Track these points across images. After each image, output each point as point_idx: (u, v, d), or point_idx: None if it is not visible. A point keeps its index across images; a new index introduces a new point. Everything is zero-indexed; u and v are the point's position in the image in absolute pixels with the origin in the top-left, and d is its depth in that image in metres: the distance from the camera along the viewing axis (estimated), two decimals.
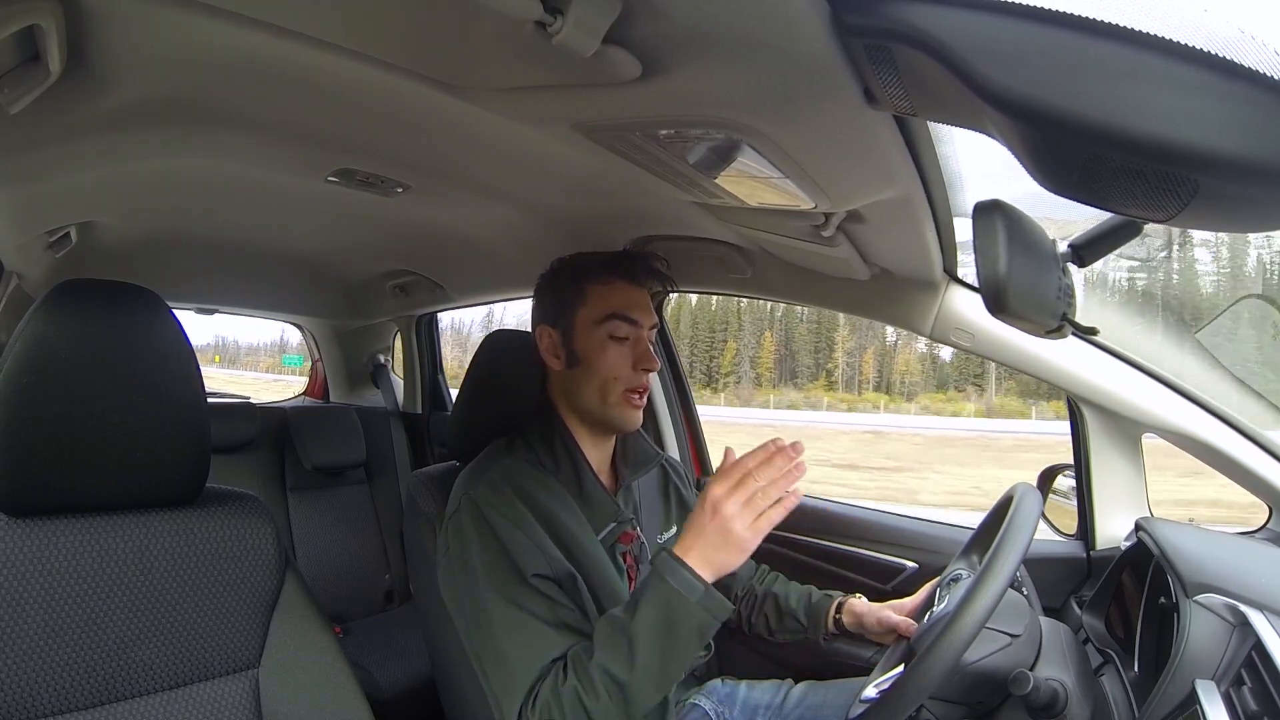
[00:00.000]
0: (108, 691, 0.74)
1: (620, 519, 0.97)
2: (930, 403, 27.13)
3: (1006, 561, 0.72)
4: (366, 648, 1.79)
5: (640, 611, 0.75)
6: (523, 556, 0.83)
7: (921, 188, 0.79)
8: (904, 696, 0.70)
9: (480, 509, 0.86)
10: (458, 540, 0.87)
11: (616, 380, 0.94)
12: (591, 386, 0.95)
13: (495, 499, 0.87)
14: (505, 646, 0.81)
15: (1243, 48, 0.34)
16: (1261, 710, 0.66)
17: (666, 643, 0.73)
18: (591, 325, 0.95)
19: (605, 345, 0.94)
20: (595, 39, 0.53)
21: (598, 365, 0.94)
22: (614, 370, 0.94)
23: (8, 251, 1.27)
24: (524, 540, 0.85)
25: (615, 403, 0.94)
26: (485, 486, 0.89)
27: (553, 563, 0.85)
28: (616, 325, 0.94)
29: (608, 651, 0.75)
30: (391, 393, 2.63)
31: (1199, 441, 1.05)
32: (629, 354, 0.95)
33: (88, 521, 0.75)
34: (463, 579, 0.86)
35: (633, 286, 0.97)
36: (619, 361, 0.94)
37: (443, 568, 0.90)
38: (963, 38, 0.41)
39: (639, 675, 0.73)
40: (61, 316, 0.72)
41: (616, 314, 0.94)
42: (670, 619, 0.73)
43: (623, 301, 0.95)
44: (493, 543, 0.84)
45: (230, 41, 0.67)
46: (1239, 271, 26.36)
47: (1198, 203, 0.40)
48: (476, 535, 0.85)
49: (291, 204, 1.35)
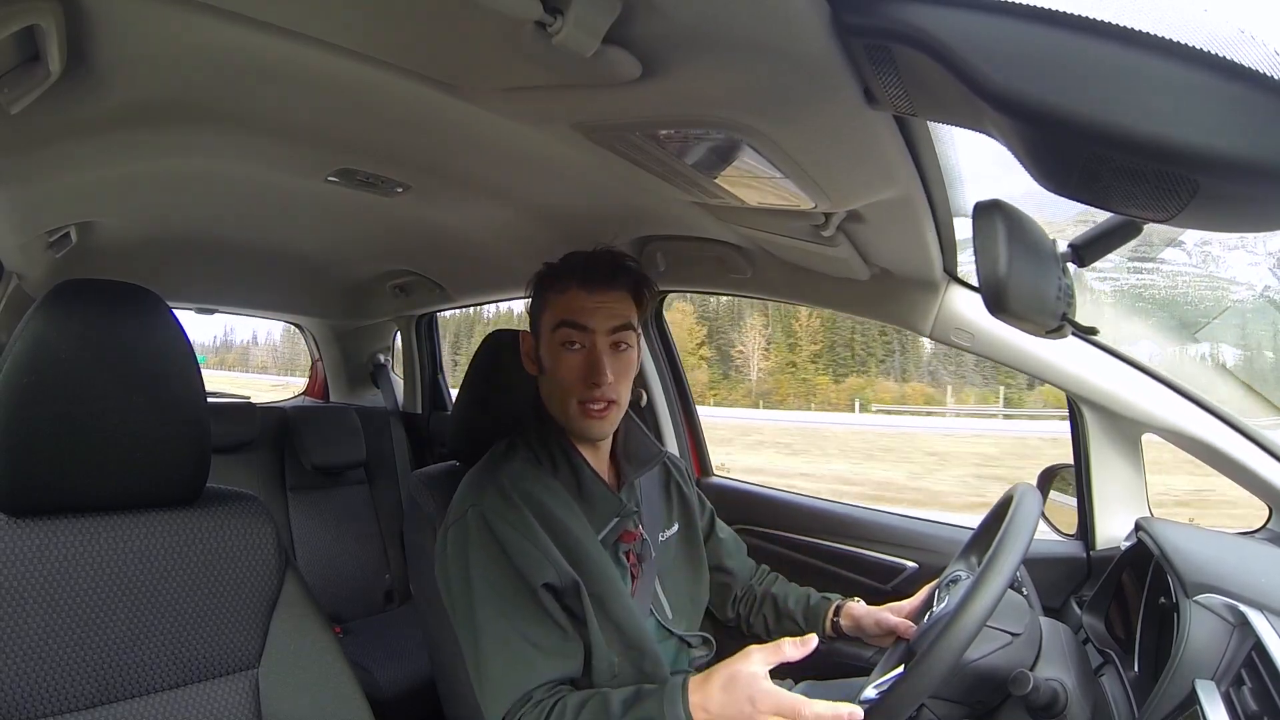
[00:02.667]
0: (108, 691, 0.74)
1: (624, 513, 0.97)
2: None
3: (1006, 562, 0.72)
4: (366, 648, 1.79)
5: (630, 714, 0.76)
6: (530, 568, 0.84)
7: (921, 187, 0.79)
8: (904, 697, 0.70)
9: (488, 520, 0.86)
10: (460, 546, 0.87)
11: (567, 392, 0.91)
12: (554, 396, 0.93)
13: (504, 508, 0.87)
14: (491, 664, 0.82)
15: (1242, 47, 0.34)
16: (1261, 710, 0.66)
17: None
18: (549, 333, 0.93)
19: (559, 354, 0.91)
20: (595, 39, 0.53)
21: (555, 375, 0.92)
22: (564, 381, 0.91)
23: (8, 251, 1.28)
24: (532, 551, 0.84)
25: (574, 414, 0.91)
26: (494, 494, 0.89)
27: (560, 572, 0.85)
28: (566, 333, 0.91)
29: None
30: (391, 393, 2.64)
31: (1199, 441, 1.05)
32: (581, 365, 0.91)
33: (88, 521, 0.75)
34: (460, 585, 0.86)
35: (585, 293, 0.92)
36: (569, 372, 0.91)
37: (440, 567, 0.90)
38: (963, 38, 0.41)
39: None
40: (61, 316, 0.72)
41: (564, 321, 0.91)
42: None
43: (571, 307, 0.91)
44: (499, 556, 0.84)
45: (230, 41, 0.67)
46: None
47: (1198, 203, 0.40)
48: (481, 546, 0.85)
49: (291, 204, 1.35)
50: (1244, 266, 5.89)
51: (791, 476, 9.27)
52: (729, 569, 1.14)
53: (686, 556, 1.07)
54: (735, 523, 1.31)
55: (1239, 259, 5.94)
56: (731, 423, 15.53)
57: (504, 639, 0.82)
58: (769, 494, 1.64)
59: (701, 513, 1.15)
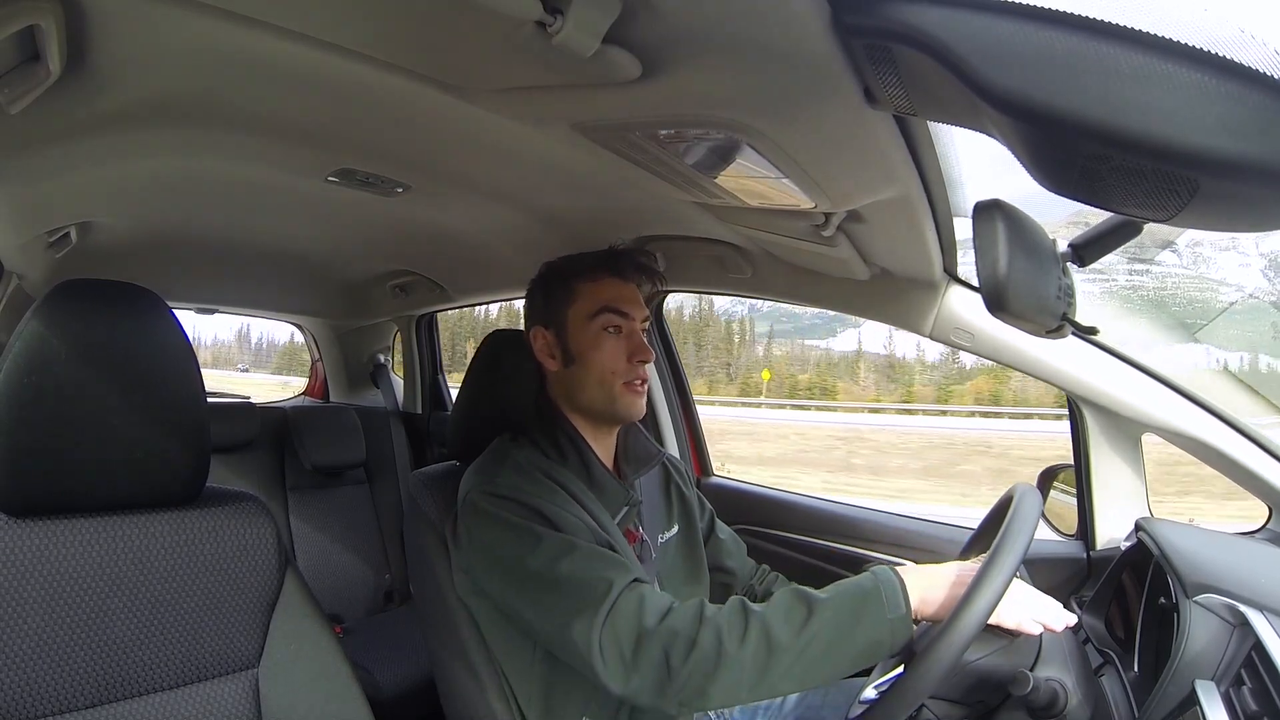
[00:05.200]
0: (108, 691, 0.74)
1: (631, 502, 0.99)
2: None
3: (1006, 561, 0.71)
4: (366, 648, 1.79)
5: (837, 595, 0.75)
6: (566, 526, 0.83)
7: (921, 187, 0.79)
8: (904, 697, 0.70)
9: (512, 492, 0.86)
10: (488, 522, 0.85)
11: (614, 374, 0.95)
12: (591, 382, 0.95)
13: (525, 482, 0.88)
14: (582, 570, 0.78)
15: (1242, 47, 0.34)
16: (1261, 710, 0.66)
17: (842, 635, 0.73)
18: (584, 321, 0.95)
19: (600, 339, 0.95)
20: (595, 39, 0.53)
21: (594, 360, 0.95)
22: (610, 364, 0.94)
23: (8, 251, 1.28)
24: (565, 514, 0.85)
25: (618, 394, 0.95)
26: (510, 471, 0.89)
27: (594, 534, 0.85)
28: (609, 318, 0.95)
29: (780, 612, 0.74)
30: (391, 393, 2.63)
31: (1199, 441, 1.05)
32: (623, 346, 0.95)
33: (88, 522, 0.75)
34: (505, 550, 0.83)
35: (621, 281, 0.97)
36: (614, 354, 0.95)
37: (471, 556, 0.88)
38: (962, 38, 0.41)
39: (797, 647, 0.72)
40: (61, 316, 0.72)
41: (607, 307, 0.95)
42: (859, 616, 0.73)
43: (612, 295, 0.96)
44: (534, 513, 0.84)
45: (231, 41, 0.67)
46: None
47: (1198, 203, 0.40)
48: (516, 509, 0.84)
49: (291, 204, 1.35)
50: (1234, 268, 5.92)
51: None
52: (729, 569, 1.14)
53: (686, 558, 1.07)
54: (735, 523, 1.31)
55: (1230, 260, 5.98)
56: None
57: (574, 550, 0.80)
58: (769, 494, 1.64)
59: (701, 514, 1.15)
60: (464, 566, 0.90)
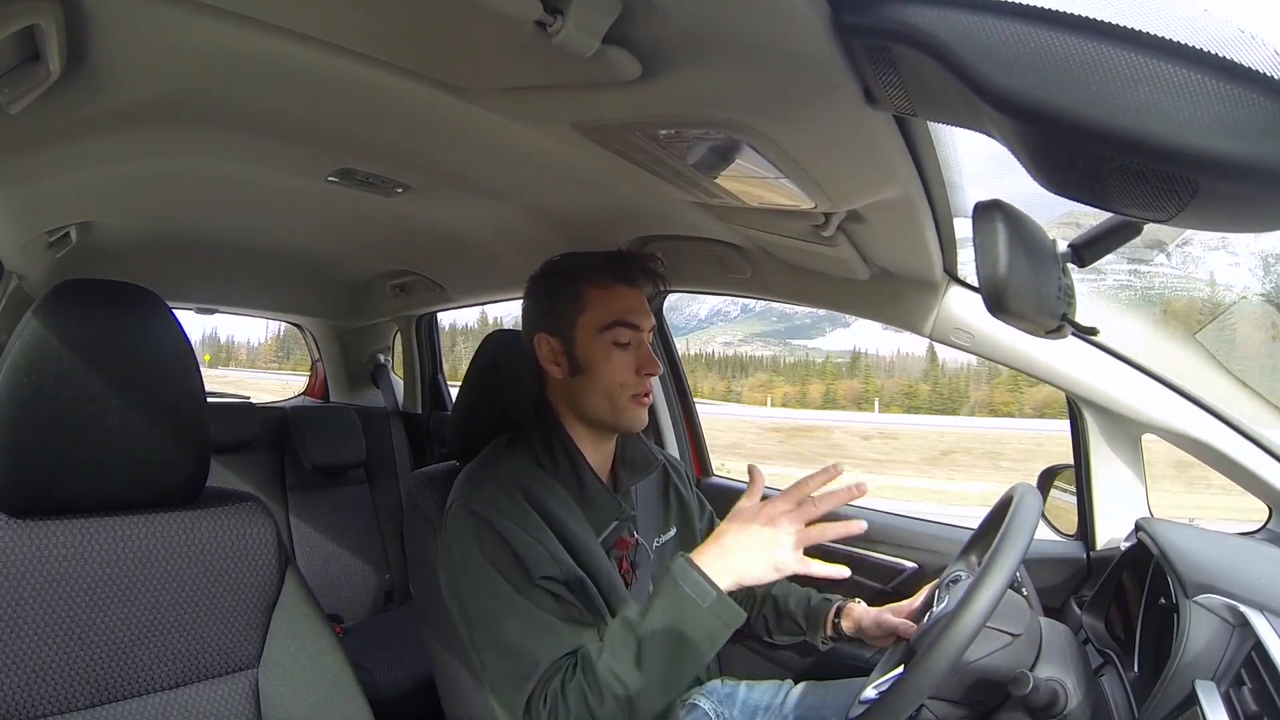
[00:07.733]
0: (107, 691, 0.74)
1: (622, 516, 0.97)
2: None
3: (1006, 561, 0.71)
4: (366, 648, 1.79)
5: (651, 614, 0.75)
6: (531, 560, 0.83)
7: (921, 187, 0.79)
8: (904, 697, 0.70)
9: (487, 512, 0.86)
10: (462, 539, 0.87)
11: (623, 387, 0.93)
12: (597, 394, 0.94)
13: (503, 502, 0.87)
14: (516, 639, 0.80)
15: (1243, 47, 0.34)
16: (1261, 710, 0.66)
17: (676, 648, 0.73)
18: (594, 332, 0.93)
19: (609, 353, 0.93)
20: (595, 39, 0.53)
21: (603, 373, 0.93)
22: (619, 377, 0.93)
23: (8, 251, 1.28)
24: (533, 544, 0.84)
25: (625, 406, 0.94)
26: (493, 487, 0.89)
27: (562, 566, 0.85)
28: (619, 332, 0.93)
29: (616, 653, 0.75)
30: (391, 393, 2.64)
31: (1199, 442, 1.05)
32: (632, 360, 0.94)
33: (88, 522, 0.75)
34: (466, 575, 0.85)
35: (630, 290, 0.95)
36: (623, 368, 0.93)
37: (445, 565, 0.89)
38: (963, 38, 0.41)
39: (645, 680, 0.73)
40: (61, 316, 0.72)
41: (619, 321, 0.93)
42: (680, 623, 0.73)
43: (624, 307, 0.94)
44: (502, 545, 0.84)
45: (231, 41, 0.67)
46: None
47: (1198, 203, 0.40)
48: (486, 534, 0.85)
49: (291, 204, 1.35)
50: (1224, 267, 5.92)
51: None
52: None
53: None
54: None
55: (1219, 259, 5.98)
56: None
57: (527, 616, 0.81)
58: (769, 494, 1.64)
59: (701, 515, 1.15)
60: (444, 565, 0.90)
